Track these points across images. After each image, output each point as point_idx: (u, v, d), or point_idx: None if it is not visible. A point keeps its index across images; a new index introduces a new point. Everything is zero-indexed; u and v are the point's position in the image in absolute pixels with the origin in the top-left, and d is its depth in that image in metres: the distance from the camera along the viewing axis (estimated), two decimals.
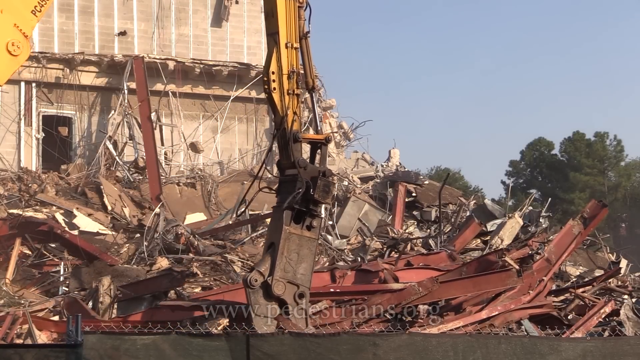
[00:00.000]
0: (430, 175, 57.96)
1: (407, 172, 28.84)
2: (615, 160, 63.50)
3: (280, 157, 11.73)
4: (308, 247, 11.54)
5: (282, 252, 11.30)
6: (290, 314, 11.37)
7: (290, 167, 11.62)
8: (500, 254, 15.71)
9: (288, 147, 11.54)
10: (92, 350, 8.65)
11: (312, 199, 11.39)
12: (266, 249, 11.67)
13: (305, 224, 11.57)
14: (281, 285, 11.27)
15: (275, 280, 11.22)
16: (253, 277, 11.26)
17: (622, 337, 12.23)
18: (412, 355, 9.60)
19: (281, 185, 11.81)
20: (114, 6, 28.76)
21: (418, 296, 13.78)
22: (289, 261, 11.34)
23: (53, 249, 18.82)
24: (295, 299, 11.41)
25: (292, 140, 11.55)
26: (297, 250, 11.41)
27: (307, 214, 11.57)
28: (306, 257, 11.52)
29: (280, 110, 11.57)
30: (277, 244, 11.29)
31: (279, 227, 11.42)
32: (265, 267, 11.31)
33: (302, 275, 11.47)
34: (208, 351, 9.11)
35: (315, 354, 9.37)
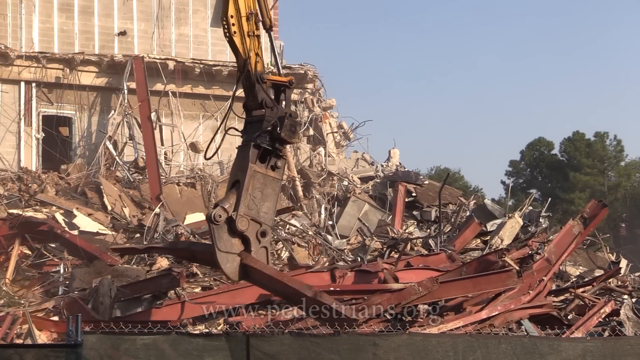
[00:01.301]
0: (430, 175, 57.94)
1: (407, 172, 28.83)
2: (615, 160, 63.48)
3: (247, 99, 11.99)
4: (272, 186, 11.77)
5: (247, 190, 11.53)
6: (253, 250, 11.55)
7: (256, 108, 11.87)
8: (500, 254, 15.71)
9: (254, 89, 11.78)
10: (92, 350, 8.65)
11: (279, 138, 11.63)
12: (230, 186, 11.89)
13: (270, 164, 11.81)
14: (245, 222, 11.47)
15: (239, 216, 11.41)
16: (217, 212, 11.44)
17: (622, 337, 12.23)
18: (412, 355, 9.60)
19: (247, 126, 12.05)
20: (114, 6, 28.76)
21: (418, 296, 13.77)
22: (252, 199, 11.54)
23: (53, 249, 18.82)
24: (258, 236, 11.61)
25: (257, 81, 11.77)
26: (261, 189, 11.65)
27: (273, 154, 11.80)
28: (269, 196, 11.75)
29: (242, 53, 11.80)
30: (242, 181, 11.53)
31: (244, 165, 11.69)
32: (230, 203, 11.50)
33: (265, 214, 11.67)
34: (208, 351, 9.11)
35: (315, 353, 9.37)
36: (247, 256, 11.70)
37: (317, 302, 11.92)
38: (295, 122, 11.93)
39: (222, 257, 11.52)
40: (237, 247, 11.59)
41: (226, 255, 11.53)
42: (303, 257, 20.16)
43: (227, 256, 11.55)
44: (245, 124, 12.14)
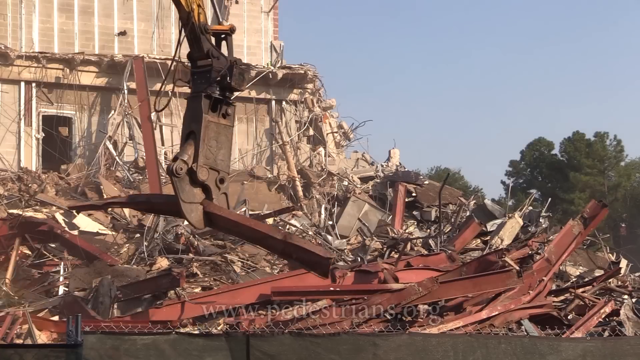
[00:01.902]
0: (430, 175, 57.96)
1: (407, 172, 28.83)
2: (615, 160, 63.49)
3: (192, 50, 12.21)
4: (225, 134, 12.13)
5: (203, 140, 11.82)
6: (214, 198, 11.94)
7: (201, 59, 12.11)
8: (500, 254, 15.73)
9: (199, 40, 12.04)
10: (92, 350, 8.65)
11: (229, 86, 11.96)
12: (185, 138, 12.10)
13: (221, 112, 12.09)
14: (205, 171, 11.84)
15: (199, 166, 11.76)
16: (178, 165, 11.71)
17: (622, 337, 12.23)
18: (412, 355, 9.59)
19: (194, 76, 12.22)
20: (114, 6, 28.76)
21: (418, 296, 13.79)
22: (209, 148, 11.88)
23: (53, 249, 18.81)
24: (217, 184, 12.01)
25: (202, 32, 12.07)
26: (215, 138, 11.99)
27: (223, 102, 12.09)
28: (224, 144, 12.12)
29: (185, 6, 12.07)
30: (197, 132, 11.82)
31: (197, 116, 11.92)
32: (188, 155, 11.77)
33: (222, 161, 12.10)
34: (208, 351, 9.11)
35: (315, 353, 9.37)
36: (209, 204, 12.10)
37: (288, 244, 12.23)
38: (242, 69, 12.26)
39: (187, 207, 11.87)
40: (199, 196, 11.96)
41: (190, 205, 11.88)
42: None
43: (191, 206, 11.91)
44: (191, 74, 12.32)
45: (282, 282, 15.53)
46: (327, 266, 12.06)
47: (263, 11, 30.85)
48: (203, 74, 12.10)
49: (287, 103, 30.06)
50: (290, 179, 27.20)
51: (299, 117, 30.13)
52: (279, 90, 29.90)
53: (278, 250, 13.21)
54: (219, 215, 12.30)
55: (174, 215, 13.32)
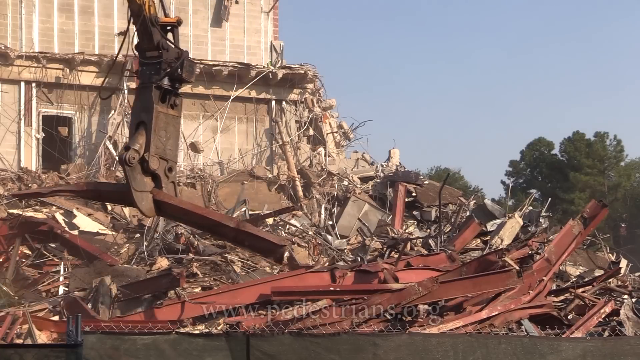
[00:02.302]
0: (430, 175, 57.99)
1: (407, 172, 28.82)
2: (615, 160, 63.50)
3: (141, 42, 12.49)
4: (173, 124, 12.44)
5: (154, 130, 12.11)
6: (163, 186, 12.27)
7: (150, 50, 12.39)
8: (500, 254, 15.72)
9: (149, 32, 12.30)
10: (92, 350, 8.65)
11: (179, 78, 12.24)
12: (135, 128, 12.34)
13: (169, 103, 12.36)
14: (156, 161, 12.18)
15: (151, 156, 12.08)
16: (131, 155, 12.00)
17: (622, 337, 12.23)
18: (412, 355, 9.59)
19: (143, 67, 12.53)
20: (114, 6, 28.75)
21: (418, 296, 13.78)
22: (159, 138, 12.18)
23: (53, 249, 18.81)
24: (166, 172, 12.35)
25: (153, 24, 12.31)
26: (164, 128, 12.28)
27: (172, 93, 12.36)
28: (172, 133, 12.45)
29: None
30: (148, 122, 12.09)
31: (148, 106, 12.21)
32: (139, 144, 12.04)
33: (170, 151, 12.43)
34: (208, 351, 9.11)
35: (315, 353, 9.37)
36: (159, 192, 12.45)
37: (241, 231, 12.45)
38: (191, 62, 12.59)
39: (138, 196, 12.20)
40: (149, 185, 12.31)
41: (141, 194, 12.21)
42: (303, 257, 20.14)
43: (142, 195, 12.24)
44: (140, 65, 12.59)
45: (282, 282, 15.52)
46: (281, 253, 12.43)
47: (263, 11, 30.85)
48: (152, 65, 12.35)
49: (287, 103, 30.07)
50: (290, 179, 27.20)
51: (299, 117, 30.13)
52: (279, 90, 29.90)
53: (230, 238, 13.51)
54: (169, 204, 12.63)
55: (122, 203, 13.69)
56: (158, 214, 13.00)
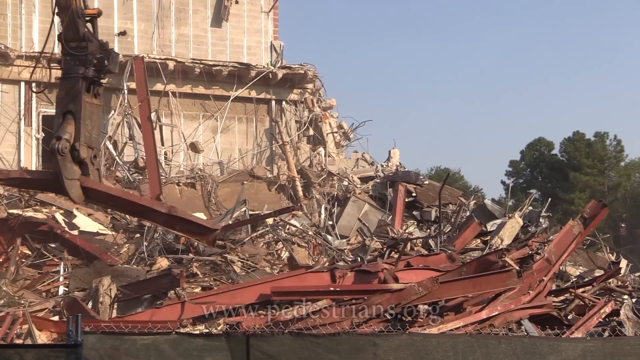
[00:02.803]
0: (430, 175, 58.02)
1: (407, 172, 28.81)
2: (615, 160, 63.50)
3: (66, 33, 12.81)
4: (97, 113, 12.89)
5: (83, 120, 12.49)
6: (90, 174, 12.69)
7: (74, 41, 12.74)
8: (500, 254, 15.72)
9: (76, 24, 12.66)
10: (92, 350, 8.65)
11: (106, 68, 12.75)
12: (61, 117, 12.65)
13: (93, 92, 12.81)
14: (85, 149, 12.56)
15: (81, 145, 12.45)
16: (63, 144, 12.36)
17: (622, 337, 12.23)
18: (412, 355, 9.59)
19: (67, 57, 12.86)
20: (114, 6, 28.75)
21: (418, 296, 13.79)
22: (86, 127, 12.57)
23: (53, 249, 18.80)
24: (92, 160, 12.74)
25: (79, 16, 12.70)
26: (90, 117, 12.70)
27: (96, 83, 12.82)
28: (96, 122, 12.86)
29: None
30: (76, 112, 12.46)
31: (75, 97, 12.59)
32: (68, 134, 12.39)
33: (95, 139, 12.87)
34: (208, 351, 9.11)
35: (315, 353, 9.37)
36: (87, 180, 12.88)
37: (172, 216, 12.75)
38: (116, 53, 13.08)
39: (69, 183, 12.56)
40: (78, 173, 12.70)
41: (71, 181, 12.59)
42: (303, 257, 20.15)
43: (72, 182, 12.61)
44: (63, 55, 12.95)
45: (282, 282, 15.53)
46: (213, 237, 12.83)
47: (263, 11, 30.85)
48: (77, 56, 12.68)
49: (287, 103, 30.07)
50: (290, 179, 27.19)
51: (299, 117, 30.13)
52: (279, 90, 29.90)
53: (161, 222, 13.83)
54: (98, 190, 13.11)
55: (50, 190, 14.04)
56: (87, 200, 13.54)
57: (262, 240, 21.06)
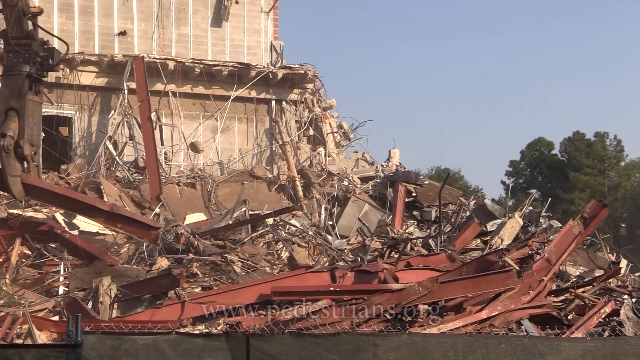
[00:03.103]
0: (430, 175, 58.06)
1: (407, 172, 28.82)
2: (615, 160, 63.51)
3: (9, 30, 12.89)
4: (38, 110, 13.10)
5: (26, 117, 12.64)
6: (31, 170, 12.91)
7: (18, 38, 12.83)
8: (500, 254, 15.72)
9: (21, 22, 12.78)
10: (92, 350, 8.65)
11: (49, 67, 12.91)
12: (4, 114, 12.77)
13: (35, 90, 12.96)
14: (28, 147, 12.71)
15: (25, 142, 12.62)
16: (8, 141, 12.49)
17: (622, 337, 12.23)
18: (412, 355, 9.59)
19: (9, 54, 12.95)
20: (114, 6, 28.75)
21: (418, 296, 13.79)
22: (28, 125, 12.70)
23: (53, 249, 18.80)
24: (32, 157, 12.92)
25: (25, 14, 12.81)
26: (31, 114, 12.86)
27: (39, 81, 12.97)
28: (37, 119, 13.05)
29: None
30: (19, 110, 12.60)
31: (19, 94, 12.72)
32: (12, 131, 12.50)
33: (36, 136, 13.06)
34: (208, 351, 9.11)
35: (315, 353, 9.37)
36: (28, 176, 13.08)
37: (114, 214, 12.91)
38: (58, 52, 13.09)
39: (12, 180, 12.72)
40: (19, 169, 12.88)
41: (14, 178, 12.77)
42: (303, 257, 20.15)
43: (15, 179, 12.78)
44: (6, 52, 13.07)
45: (282, 282, 15.53)
46: (155, 234, 13.02)
47: (263, 11, 30.85)
48: (21, 53, 12.76)
49: (287, 103, 30.07)
50: (290, 179, 27.19)
51: (299, 117, 30.13)
52: (279, 90, 29.91)
53: (102, 219, 14.02)
54: (39, 187, 13.29)
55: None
56: (27, 196, 13.78)
57: (262, 240, 21.07)
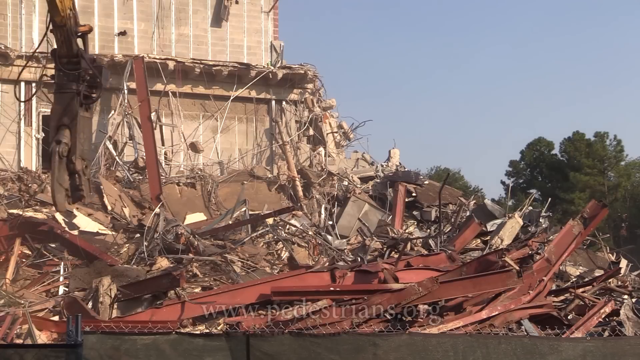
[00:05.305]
0: (430, 175, 58.03)
1: (407, 172, 28.83)
2: (615, 160, 63.45)
3: (59, 49, 13.31)
4: (88, 125, 13.30)
5: (78, 134, 12.96)
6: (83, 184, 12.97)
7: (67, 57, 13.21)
8: (500, 254, 15.73)
9: (70, 41, 13.16)
10: (92, 350, 8.65)
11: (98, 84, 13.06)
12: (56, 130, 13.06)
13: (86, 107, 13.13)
14: (80, 162, 12.92)
15: (77, 157, 12.89)
16: (63, 148, 12.77)
17: (622, 337, 12.24)
18: (412, 355, 9.59)
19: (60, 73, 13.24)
20: (114, 6, 28.74)
21: (418, 296, 13.80)
22: (80, 140, 13.02)
23: (53, 249, 18.81)
24: (84, 171, 13.03)
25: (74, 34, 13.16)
26: (83, 130, 13.07)
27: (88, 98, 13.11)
28: (88, 134, 13.35)
29: (61, 10, 13.33)
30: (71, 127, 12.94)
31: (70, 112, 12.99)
32: (66, 140, 12.79)
33: (87, 150, 13.26)
34: (208, 351, 9.11)
35: (315, 353, 9.37)
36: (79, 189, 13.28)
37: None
38: (106, 70, 13.40)
39: (57, 188, 12.86)
40: (67, 182, 13.01)
41: (59, 187, 12.86)
42: (303, 257, 20.17)
43: (60, 189, 12.86)
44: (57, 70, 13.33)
45: (282, 282, 15.54)
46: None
47: (263, 11, 30.85)
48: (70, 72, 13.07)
49: (287, 103, 30.07)
50: (290, 179, 27.20)
51: (299, 117, 30.13)
52: (279, 90, 29.91)
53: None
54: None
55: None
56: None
57: (262, 240, 21.08)
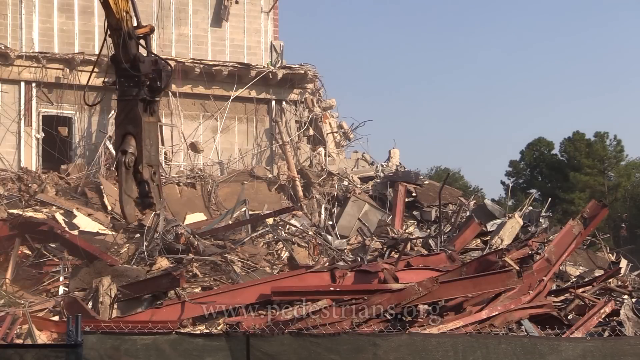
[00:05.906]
0: (430, 175, 58.02)
1: (407, 172, 28.83)
2: (615, 160, 63.40)
3: (117, 54, 13.05)
4: (154, 130, 13.03)
5: (144, 141, 12.63)
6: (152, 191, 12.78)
7: (126, 62, 12.92)
8: (500, 254, 15.73)
9: (127, 45, 12.86)
10: (92, 350, 8.65)
11: (158, 88, 12.75)
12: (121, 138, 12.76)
13: (149, 111, 12.82)
14: (147, 170, 12.68)
15: (144, 167, 12.63)
16: (129, 158, 12.50)
17: (622, 337, 12.24)
18: (412, 355, 9.59)
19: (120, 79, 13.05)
20: None
21: (418, 296, 13.80)
22: (146, 147, 12.68)
23: (53, 249, 18.82)
24: (152, 177, 12.82)
25: (131, 37, 12.83)
26: (148, 136, 12.79)
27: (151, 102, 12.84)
28: (154, 139, 13.00)
29: (116, 13, 12.80)
30: (136, 134, 12.61)
31: (134, 119, 12.64)
32: (132, 149, 12.47)
33: (154, 156, 13.01)
34: (208, 351, 9.11)
35: (315, 353, 9.37)
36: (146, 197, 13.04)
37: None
38: (168, 71, 12.95)
39: (126, 199, 12.67)
40: (135, 192, 12.77)
41: (127, 198, 12.67)
42: (303, 257, 20.17)
43: (128, 199, 12.68)
44: (118, 77, 13.08)
45: (282, 282, 15.54)
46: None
47: (263, 11, 30.86)
48: (128, 77, 12.67)
49: (287, 103, 30.08)
50: (290, 179, 27.20)
51: (299, 117, 30.14)
52: (279, 90, 29.91)
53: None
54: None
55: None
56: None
57: (262, 240, 21.08)
